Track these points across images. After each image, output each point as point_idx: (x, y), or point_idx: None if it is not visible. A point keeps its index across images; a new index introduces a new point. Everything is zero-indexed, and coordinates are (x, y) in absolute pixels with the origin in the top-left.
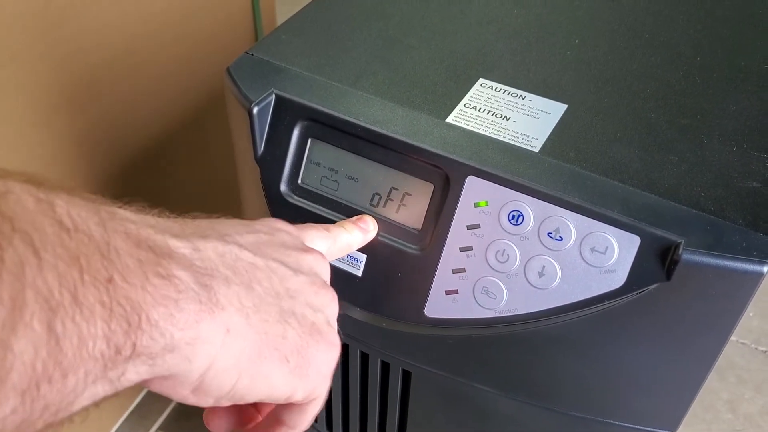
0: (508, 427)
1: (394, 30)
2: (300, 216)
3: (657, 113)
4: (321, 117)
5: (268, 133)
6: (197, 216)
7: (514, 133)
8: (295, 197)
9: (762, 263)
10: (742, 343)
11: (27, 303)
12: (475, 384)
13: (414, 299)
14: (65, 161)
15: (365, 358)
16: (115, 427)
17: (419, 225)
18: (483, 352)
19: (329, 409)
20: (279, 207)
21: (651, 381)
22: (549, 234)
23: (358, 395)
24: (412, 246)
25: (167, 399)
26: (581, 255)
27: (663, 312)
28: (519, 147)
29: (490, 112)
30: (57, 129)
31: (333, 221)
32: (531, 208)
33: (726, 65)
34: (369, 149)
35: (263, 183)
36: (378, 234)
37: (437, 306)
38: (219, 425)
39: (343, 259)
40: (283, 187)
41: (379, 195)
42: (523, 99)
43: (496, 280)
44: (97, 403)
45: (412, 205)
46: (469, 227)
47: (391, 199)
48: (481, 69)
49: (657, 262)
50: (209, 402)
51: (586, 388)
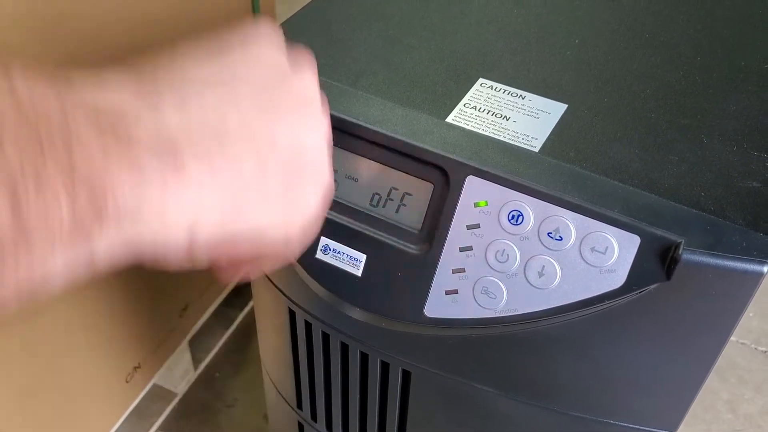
0: (507, 427)
1: (393, 30)
2: None
3: (657, 113)
4: None
5: None
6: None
7: (514, 133)
8: None
9: (762, 263)
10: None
11: None
12: (475, 384)
13: (414, 299)
14: None
15: (365, 358)
16: (115, 427)
17: (419, 225)
18: (483, 352)
19: (329, 410)
20: None
21: (651, 381)
22: (549, 234)
23: (357, 395)
24: (411, 246)
25: (167, 399)
26: (581, 255)
27: (663, 312)
28: (519, 147)
29: (490, 111)
30: None
31: (333, 222)
32: (531, 207)
33: (726, 65)
34: (369, 149)
35: None
36: (378, 234)
37: (437, 306)
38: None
39: (343, 259)
40: None
41: (379, 195)
42: (523, 99)
43: (495, 280)
44: (78, 282)
45: (411, 205)
46: (469, 227)
47: (391, 199)
48: (481, 69)
49: (657, 261)
50: (206, 261)
51: (585, 388)
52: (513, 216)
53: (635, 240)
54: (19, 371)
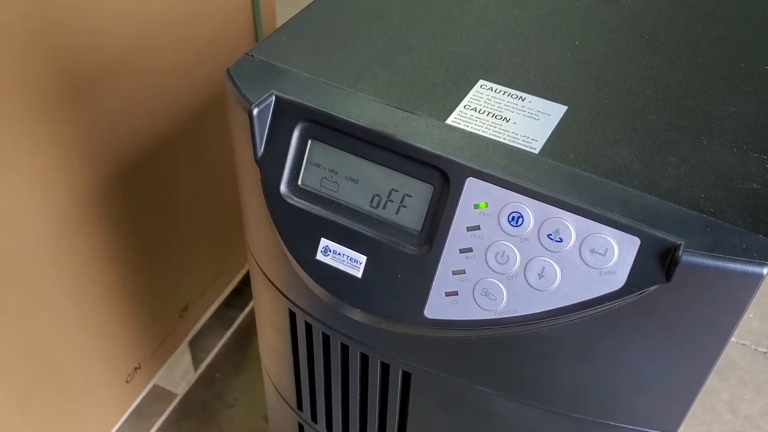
0: (508, 429)
1: (394, 31)
2: (300, 217)
3: (657, 114)
4: (321, 118)
5: (268, 135)
6: None
7: (513, 135)
8: (295, 198)
9: (762, 265)
10: (742, 344)
11: None
12: (475, 385)
13: (414, 300)
14: (66, 162)
15: (365, 359)
16: (115, 428)
17: (419, 226)
18: (483, 353)
19: (329, 411)
20: (279, 208)
21: (651, 382)
22: (549, 235)
23: (358, 396)
24: (411, 247)
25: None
26: (581, 256)
27: (663, 313)
28: (519, 148)
29: (490, 113)
30: (58, 130)
31: (333, 223)
32: (531, 209)
33: (726, 66)
34: (369, 150)
35: (263, 184)
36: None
37: (437, 307)
38: None
39: (343, 261)
40: (283, 188)
41: (379, 196)
42: (523, 100)
43: (495, 281)
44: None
45: (412, 207)
46: (469, 228)
47: (391, 201)
48: (481, 70)
49: (657, 263)
50: None
51: (586, 389)
52: (513, 217)
53: (635, 242)
54: (19, 371)
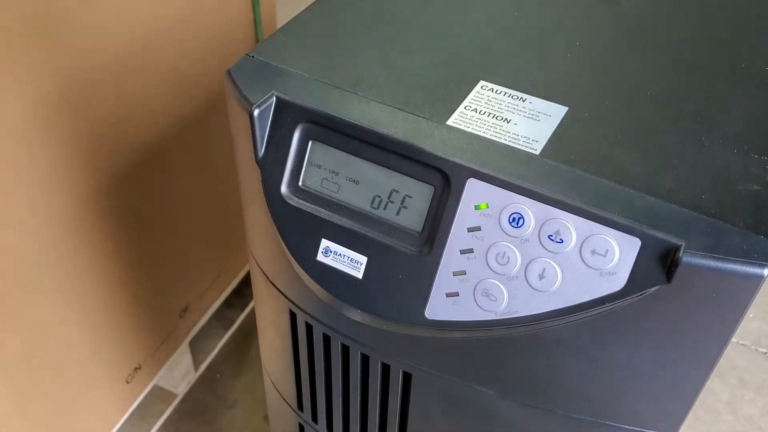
0: (508, 429)
1: (394, 32)
2: (301, 218)
3: (657, 116)
4: (322, 119)
5: (268, 135)
6: None
7: (514, 136)
8: (296, 199)
9: (762, 266)
10: (742, 345)
11: None
12: (476, 386)
13: (415, 301)
14: (67, 163)
15: (366, 360)
16: (116, 428)
17: (420, 227)
18: (483, 354)
19: (330, 411)
20: (280, 209)
21: (651, 383)
22: (549, 236)
23: (358, 397)
24: (412, 248)
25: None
26: (582, 257)
27: (663, 314)
28: (520, 149)
29: (490, 114)
30: (59, 131)
31: (334, 224)
32: (531, 210)
33: (726, 67)
34: (370, 151)
35: (264, 185)
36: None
37: (438, 308)
38: None
39: (344, 261)
40: (284, 189)
41: (380, 197)
42: (524, 101)
43: (496, 282)
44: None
45: (412, 208)
46: (470, 229)
47: (392, 202)
48: (482, 71)
49: (657, 264)
50: None
51: (586, 390)
52: (514, 218)
53: (636, 243)
54: (19, 372)
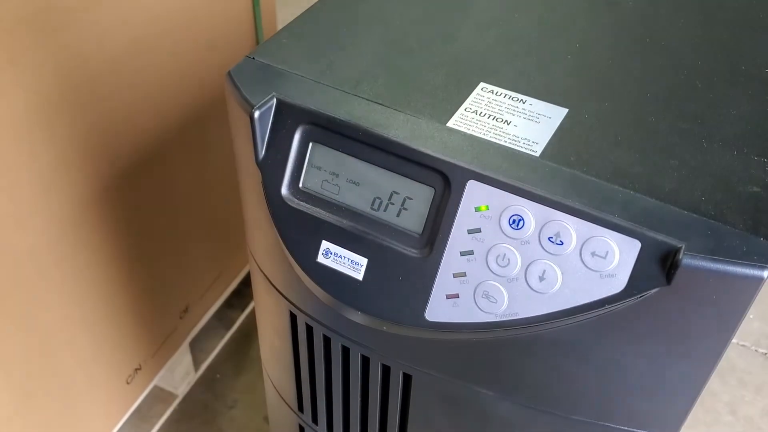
0: (508, 431)
1: (394, 34)
2: (301, 220)
3: (657, 117)
4: (322, 121)
5: (269, 137)
6: None
7: (514, 138)
8: (296, 201)
9: (762, 268)
10: (742, 346)
11: None
12: (476, 387)
13: (415, 303)
14: (67, 164)
15: (366, 361)
16: (116, 429)
17: (420, 229)
18: (484, 355)
19: (330, 413)
20: (280, 210)
21: (651, 385)
22: (549, 238)
23: (358, 399)
24: (412, 250)
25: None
26: (582, 259)
27: (663, 316)
28: (520, 151)
29: (490, 116)
30: (58, 132)
31: (334, 225)
32: (532, 212)
33: (727, 69)
34: (370, 153)
35: (264, 187)
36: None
37: (438, 310)
38: None
39: (344, 263)
40: (284, 191)
41: (380, 199)
42: (524, 103)
43: (496, 284)
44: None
45: (413, 209)
46: (470, 231)
47: (392, 203)
48: (482, 73)
49: (657, 266)
50: None
51: (586, 391)
52: (514, 220)
53: (636, 244)
54: (19, 373)
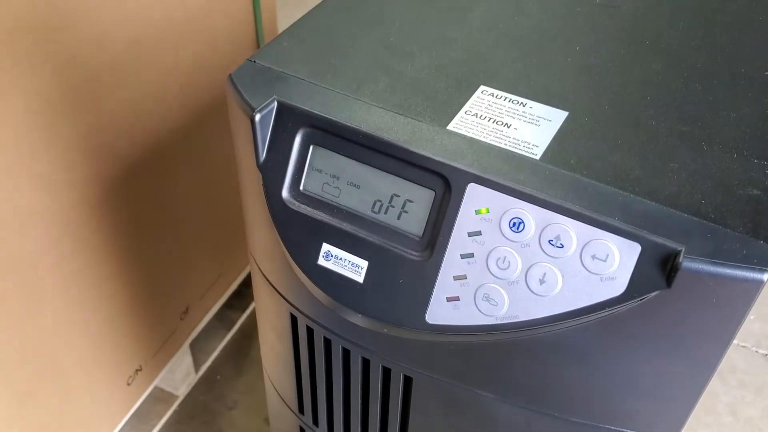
0: None
1: (395, 37)
2: (302, 222)
3: (657, 120)
4: (323, 124)
5: (270, 140)
6: None
7: (515, 141)
8: (297, 203)
9: (762, 271)
10: (742, 347)
11: None
12: (477, 390)
13: (415, 306)
14: (67, 165)
15: (366, 363)
16: (116, 430)
17: (420, 232)
18: (484, 358)
19: (330, 415)
20: (281, 213)
21: (652, 387)
22: (550, 241)
23: (359, 401)
24: (413, 252)
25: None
26: (582, 262)
27: (663, 319)
28: (520, 154)
29: (491, 119)
30: (59, 133)
31: (335, 228)
32: (532, 215)
33: (726, 72)
34: (370, 156)
35: (265, 189)
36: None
37: (438, 312)
38: None
39: (345, 266)
40: (285, 194)
41: (381, 202)
42: (524, 106)
43: (497, 287)
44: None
45: (413, 212)
46: (471, 234)
47: (393, 206)
48: (482, 76)
49: (658, 269)
50: None
51: (587, 394)
52: (514, 223)
53: (636, 248)
54: (20, 373)
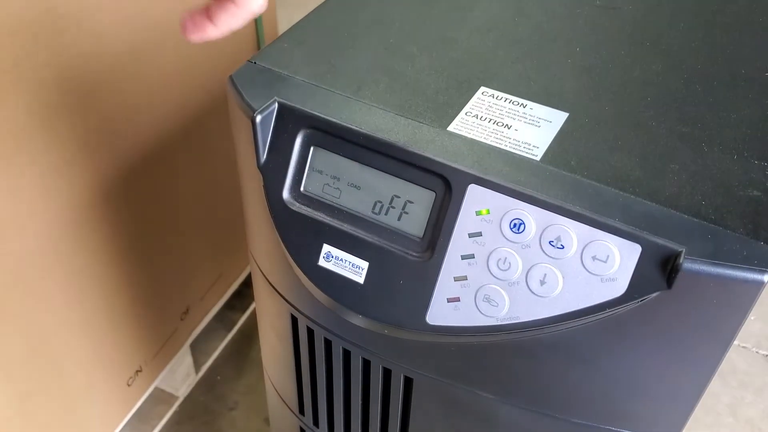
0: None
1: (395, 38)
2: (302, 223)
3: (658, 121)
4: (323, 125)
5: (270, 141)
6: None
7: (515, 142)
8: (298, 204)
9: (762, 272)
10: (743, 347)
11: None
12: (477, 391)
13: (416, 306)
14: (67, 166)
15: (367, 364)
16: (116, 431)
17: (421, 233)
18: (484, 359)
19: (331, 415)
20: (281, 214)
21: (652, 388)
22: (550, 242)
23: (359, 401)
24: (413, 253)
25: (168, 403)
26: (582, 263)
27: (664, 320)
28: (520, 155)
29: (491, 120)
30: (59, 134)
31: (335, 229)
32: (532, 216)
33: (726, 73)
34: (371, 157)
35: (266, 190)
36: (380, 241)
37: (439, 313)
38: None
39: (345, 266)
40: (286, 195)
41: (381, 203)
42: (525, 107)
43: (497, 287)
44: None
45: (414, 213)
46: (471, 235)
47: (393, 207)
48: (483, 77)
49: (658, 270)
50: None
51: (587, 395)
52: (515, 224)
53: (636, 248)
54: (20, 374)
